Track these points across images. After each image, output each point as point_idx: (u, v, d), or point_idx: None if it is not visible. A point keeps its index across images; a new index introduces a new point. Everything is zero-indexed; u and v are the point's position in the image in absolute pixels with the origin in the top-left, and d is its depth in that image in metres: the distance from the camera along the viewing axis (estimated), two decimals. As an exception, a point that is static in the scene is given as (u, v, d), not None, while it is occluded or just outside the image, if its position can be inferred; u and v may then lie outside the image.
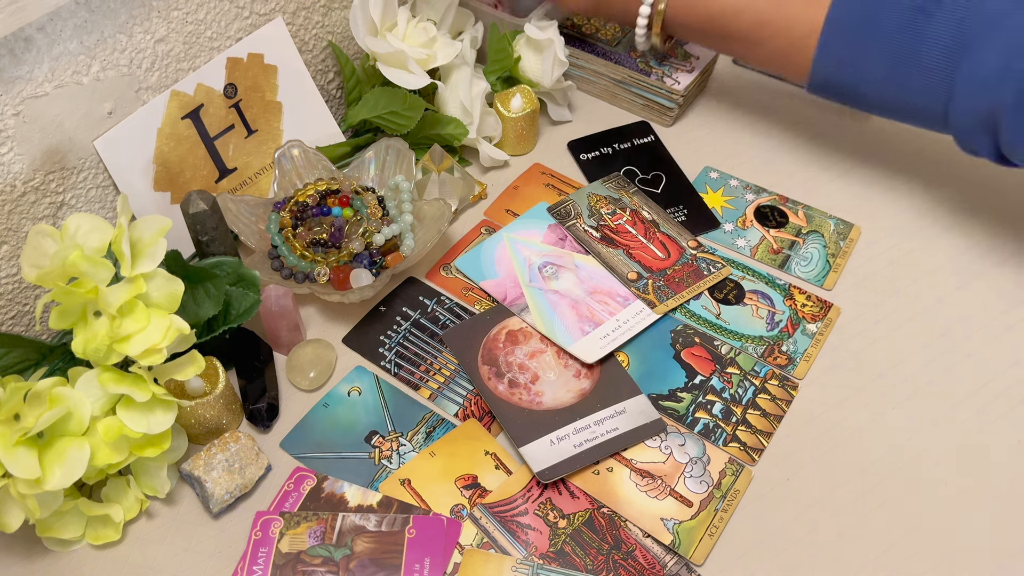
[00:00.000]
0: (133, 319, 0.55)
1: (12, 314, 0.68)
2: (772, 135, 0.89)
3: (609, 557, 0.60)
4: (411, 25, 0.80)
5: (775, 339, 0.72)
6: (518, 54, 0.87)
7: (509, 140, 0.87)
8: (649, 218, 0.80)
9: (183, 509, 0.63)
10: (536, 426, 0.65)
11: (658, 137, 0.89)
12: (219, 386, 0.64)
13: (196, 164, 0.75)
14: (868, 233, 0.80)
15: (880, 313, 0.74)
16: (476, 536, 0.61)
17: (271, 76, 0.78)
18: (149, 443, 0.59)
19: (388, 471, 0.64)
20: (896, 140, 0.88)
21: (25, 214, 0.65)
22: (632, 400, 0.67)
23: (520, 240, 0.79)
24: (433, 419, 0.67)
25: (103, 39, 0.65)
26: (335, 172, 0.78)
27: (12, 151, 0.62)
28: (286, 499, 0.63)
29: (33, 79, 0.61)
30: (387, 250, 0.72)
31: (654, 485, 0.63)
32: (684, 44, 0.92)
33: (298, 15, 0.80)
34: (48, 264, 0.53)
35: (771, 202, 0.82)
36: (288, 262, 0.71)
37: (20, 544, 0.62)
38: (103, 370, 0.56)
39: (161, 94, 0.71)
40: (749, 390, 0.68)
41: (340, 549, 0.60)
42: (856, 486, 0.63)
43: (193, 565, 0.60)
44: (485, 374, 0.69)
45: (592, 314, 0.72)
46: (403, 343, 0.72)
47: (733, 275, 0.76)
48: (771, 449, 0.65)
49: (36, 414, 0.53)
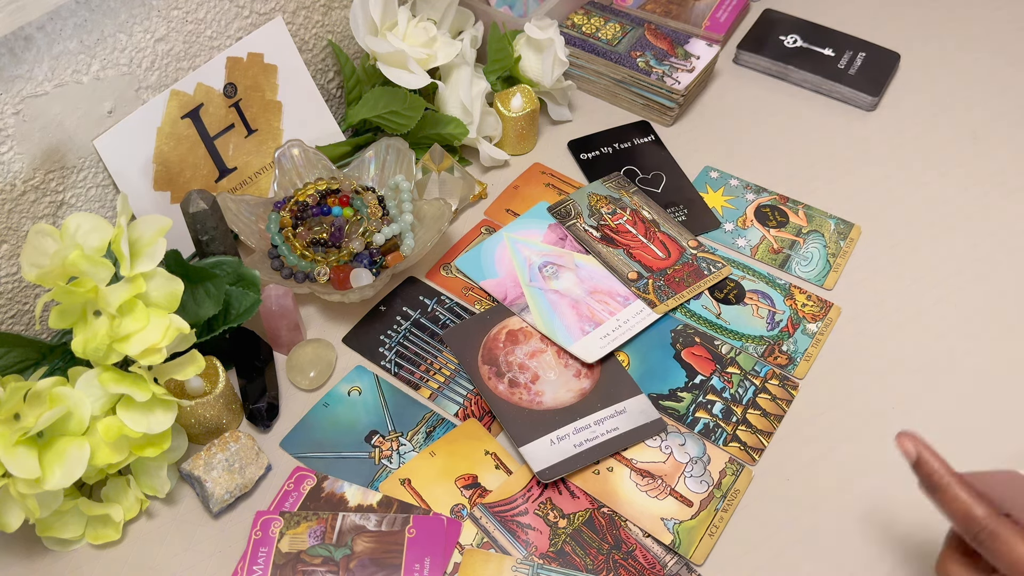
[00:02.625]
0: (133, 318, 0.55)
1: (12, 313, 0.68)
2: (772, 135, 0.89)
3: (609, 557, 0.60)
4: (411, 24, 0.80)
5: (775, 339, 0.72)
6: (518, 54, 0.87)
7: (509, 140, 0.87)
8: (649, 218, 0.80)
9: (183, 509, 0.63)
10: (536, 426, 0.65)
11: (658, 137, 0.89)
12: (219, 386, 0.64)
13: (196, 163, 0.75)
14: (868, 233, 0.80)
15: (880, 313, 0.74)
16: (476, 536, 0.61)
17: (271, 75, 0.78)
18: (149, 443, 0.58)
19: (388, 471, 0.64)
20: (896, 140, 0.88)
21: (25, 213, 0.65)
22: (632, 400, 0.67)
23: (520, 240, 0.79)
24: (433, 419, 0.67)
25: (103, 38, 0.65)
26: (335, 172, 0.78)
27: (12, 150, 0.62)
28: (286, 499, 0.63)
29: (33, 78, 0.61)
30: (387, 250, 0.72)
31: (654, 485, 0.63)
32: (684, 44, 0.92)
33: (298, 14, 0.80)
34: (48, 263, 0.53)
35: (771, 202, 0.82)
36: (288, 262, 0.71)
37: (20, 544, 0.62)
38: (103, 370, 0.56)
39: (161, 93, 0.71)
40: (749, 390, 0.68)
41: (340, 549, 0.60)
42: (856, 486, 0.63)
43: (193, 565, 0.60)
44: (485, 374, 0.69)
45: (592, 314, 0.72)
46: (403, 343, 0.72)
47: (733, 275, 0.76)
48: (771, 449, 0.65)
49: (36, 414, 0.53)
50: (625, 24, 0.95)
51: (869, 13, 1.02)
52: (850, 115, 0.91)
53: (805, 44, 0.96)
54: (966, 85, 0.93)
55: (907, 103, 0.92)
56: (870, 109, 0.91)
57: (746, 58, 0.96)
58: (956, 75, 0.94)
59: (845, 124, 0.90)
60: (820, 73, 0.92)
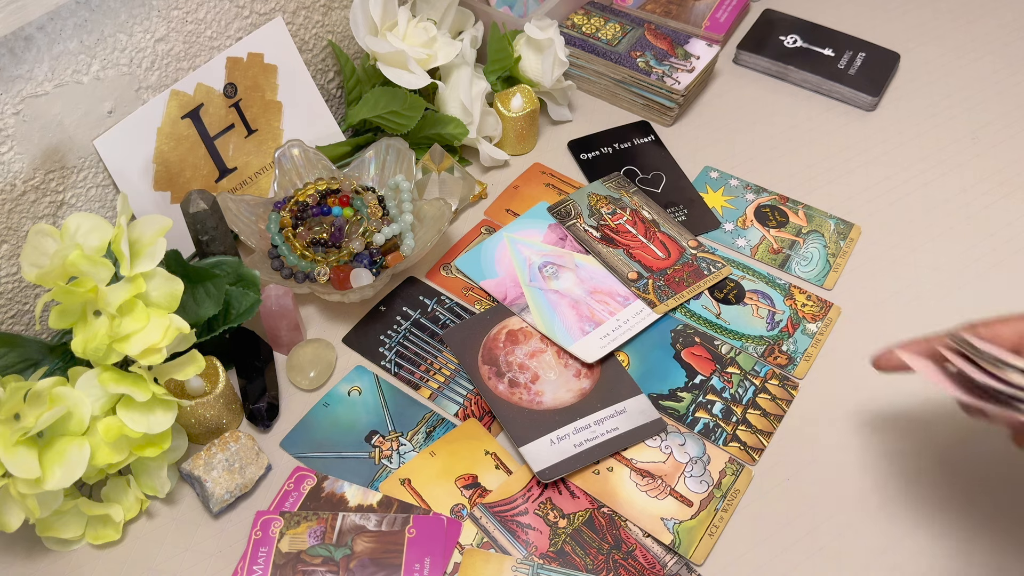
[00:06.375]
0: (133, 318, 0.55)
1: (12, 313, 0.68)
2: (772, 135, 0.89)
3: (609, 557, 0.60)
4: (411, 25, 0.80)
5: (775, 339, 0.72)
6: (518, 54, 0.87)
7: (509, 140, 0.87)
8: (649, 218, 0.80)
9: (183, 509, 0.63)
10: (536, 426, 0.65)
11: (658, 137, 0.89)
12: (219, 386, 0.64)
13: (196, 163, 0.75)
14: (868, 233, 0.80)
15: (880, 313, 0.74)
16: (476, 536, 0.61)
17: (271, 76, 0.78)
18: (149, 443, 0.58)
19: (388, 471, 0.64)
20: (896, 140, 0.88)
21: (25, 213, 0.65)
22: (632, 400, 0.67)
23: (520, 240, 0.79)
24: (433, 419, 0.67)
25: (103, 38, 0.65)
26: (335, 172, 0.78)
27: (12, 150, 0.62)
28: (286, 499, 0.63)
29: (33, 78, 0.61)
30: (387, 250, 0.72)
31: (654, 485, 0.63)
32: (684, 44, 0.92)
33: (298, 14, 0.80)
34: (48, 263, 0.53)
35: (771, 202, 0.82)
36: (288, 262, 0.71)
37: (20, 544, 0.62)
38: (103, 370, 0.56)
39: (161, 93, 0.71)
40: (749, 390, 0.68)
41: (340, 549, 0.60)
42: (856, 486, 0.63)
43: (193, 565, 0.60)
44: (485, 374, 0.69)
45: (592, 314, 0.72)
46: (403, 343, 0.72)
47: (733, 275, 0.76)
48: (771, 449, 0.65)
49: (36, 414, 0.53)
50: (625, 24, 0.95)
51: (869, 13, 1.02)
52: (850, 115, 0.91)
53: (805, 44, 0.96)
54: (966, 85, 0.93)
55: (907, 103, 0.92)
56: (870, 109, 0.91)
57: (746, 58, 0.96)
58: (956, 75, 0.94)
59: (845, 124, 0.90)
60: (820, 73, 0.92)
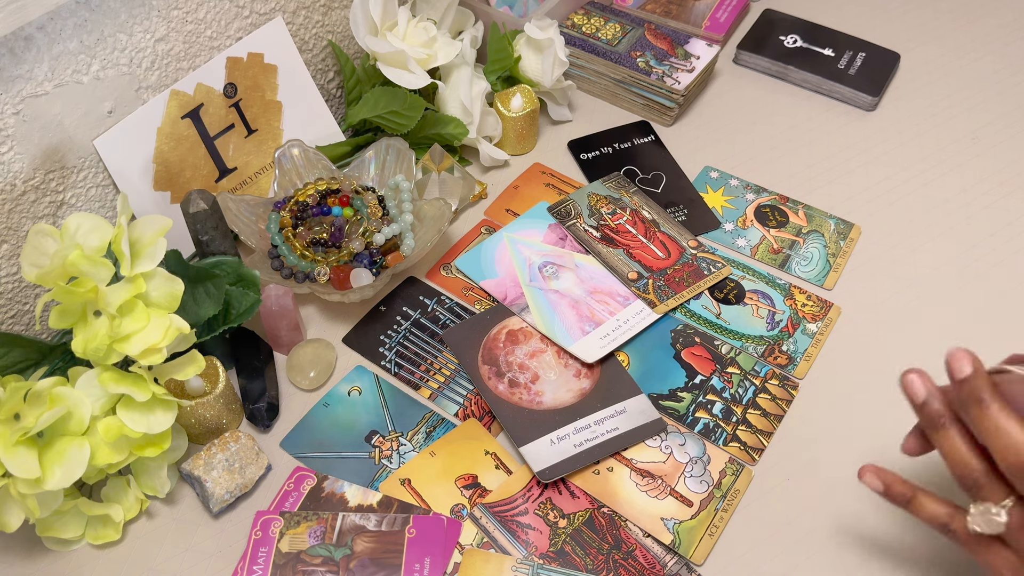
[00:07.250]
0: (133, 318, 0.55)
1: (12, 313, 0.68)
2: (772, 135, 0.89)
3: (609, 557, 0.60)
4: (411, 25, 0.80)
5: (775, 339, 0.72)
6: (518, 54, 0.87)
7: (509, 140, 0.87)
8: (649, 218, 0.80)
9: (183, 509, 0.63)
10: (536, 426, 0.65)
11: (658, 137, 0.89)
12: (219, 386, 0.64)
13: (196, 163, 0.75)
14: (868, 233, 0.80)
15: (880, 313, 0.74)
16: (476, 536, 0.61)
17: (271, 75, 0.78)
18: (149, 443, 0.58)
19: (388, 471, 0.64)
20: (896, 140, 0.88)
21: (25, 213, 0.65)
22: (632, 400, 0.67)
23: (520, 240, 0.79)
24: (433, 419, 0.67)
25: (103, 38, 0.65)
26: (335, 172, 0.78)
27: (12, 150, 0.62)
28: (286, 499, 0.63)
29: (33, 78, 0.61)
30: (387, 250, 0.72)
31: (654, 485, 0.63)
32: (684, 44, 0.92)
33: (298, 14, 0.80)
34: (48, 263, 0.53)
35: (771, 202, 0.82)
36: (288, 262, 0.71)
37: (20, 544, 0.62)
38: (103, 370, 0.56)
39: (161, 93, 0.71)
40: (749, 390, 0.68)
41: (340, 549, 0.60)
42: (856, 486, 0.63)
43: (193, 565, 0.60)
44: (485, 374, 0.69)
45: (592, 314, 0.72)
46: (403, 343, 0.72)
47: (733, 275, 0.76)
48: (771, 449, 0.65)
49: (36, 414, 0.53)
50: (625, 24, 0.95)
51: (869, 13, 1.02)
52: (850, 115, 0.91)
53: (805, 44, 0.96)
54: (966, 85, 0.93)
55: (907, 103, 0.92)
56: (870, 109, 0.91)
57: (746, 58, 0.96)
58: (956, 75, 0.94)
59: (845, 124, 0.90)
60: (820, 73, 0.92)
